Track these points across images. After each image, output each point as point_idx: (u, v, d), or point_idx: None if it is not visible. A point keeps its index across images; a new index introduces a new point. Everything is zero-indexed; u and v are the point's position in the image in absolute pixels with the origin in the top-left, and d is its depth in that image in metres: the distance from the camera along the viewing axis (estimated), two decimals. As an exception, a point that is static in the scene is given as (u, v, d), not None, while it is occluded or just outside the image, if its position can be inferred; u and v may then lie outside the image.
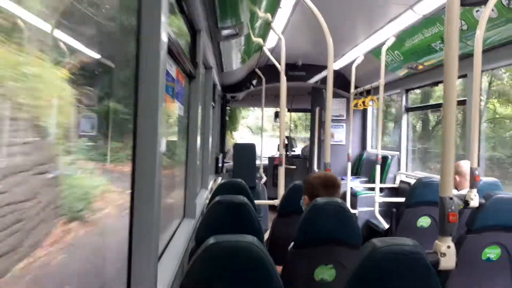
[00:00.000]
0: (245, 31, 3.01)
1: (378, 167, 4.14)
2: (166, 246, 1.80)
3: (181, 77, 2.19)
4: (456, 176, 2.71)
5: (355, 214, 4.47)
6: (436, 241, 1.34)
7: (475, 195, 2.26)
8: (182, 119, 2.40)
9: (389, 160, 4.96)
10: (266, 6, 2.85)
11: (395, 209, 2.80)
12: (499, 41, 2.92)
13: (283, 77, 3.29)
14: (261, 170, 5.73)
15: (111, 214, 1.31)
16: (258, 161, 5.39)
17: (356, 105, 4.84)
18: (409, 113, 4.90)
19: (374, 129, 6.01)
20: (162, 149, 1.27)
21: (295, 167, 7.49)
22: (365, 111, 6.08)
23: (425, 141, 4.96)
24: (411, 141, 5.02)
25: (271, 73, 5.04)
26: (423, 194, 2.67)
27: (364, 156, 5.98)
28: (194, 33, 2.53)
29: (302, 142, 11.84)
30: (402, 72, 4.52)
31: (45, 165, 0.93)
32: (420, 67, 4.10)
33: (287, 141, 7.80)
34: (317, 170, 6.20)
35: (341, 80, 5.67)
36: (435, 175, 3.73)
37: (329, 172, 2.30)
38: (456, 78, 1.35)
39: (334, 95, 2.71)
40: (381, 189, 4.54)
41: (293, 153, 8.10)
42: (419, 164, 4.98)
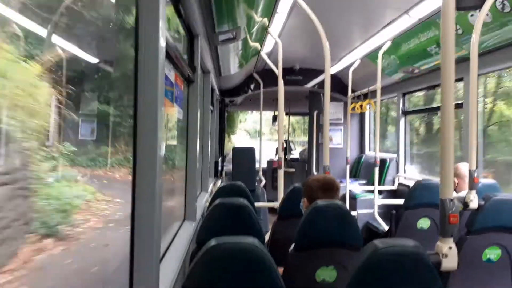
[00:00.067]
0: (242, 35, 3.03)
1: (376, 170, 4.16)
2: (168, 248, 1.80)
3: (180, 81, 2.20)
4: (454, 178, 2.73)
5: (354, 216, 4.48)
6: (438, 242, 1.34)
7: (474, 196, 2.27)
8: (182, 123, 2.41)
9: (388, 162, 4.99)
10: (263, 11, 2.87)
11: (394, 211, 2.81)
12: (494, 45, 2.95)
13: (280, 81, 3.31)
14: (260, 173, 5.74)
15: (95, 227, 1.18)
16: (257, 165, 5.40)
17: (353, 108, 4.87)
18: (410, 116, 4.94)
19: (372, 132, 6.04)
20: (162, 153, 1.27)
21: (294, 170, 7.50)
22: (362, 114, 6.11)
23: (430, 144, 4.93)
24: (416, 145, 5.01)
25: (268, 77, 5.07)
26: (422, 196, 2.68)
27: (363, 159, 6.00)
28: (192, 37, 2.54)
29: (300, 145, 11.86)
30: (398, 76, 4.56)
31: (10, 174, 0.81)
32: (416, 71, 4.14)
33: (285, 145, 7.83)
34: (316, 173, 6.21)
35: (338, 84, 5.70)
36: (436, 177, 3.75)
37: (328, 174, 2.31)
38: (453, 82, 1.37)
39: (331, 99, 2.74)
40: (380, 192, 4.56)
41: (292, 156, 8.11)
42: (425, 169, 4.86)
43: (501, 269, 2.00)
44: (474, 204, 2.26)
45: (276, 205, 3.08)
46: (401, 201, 3.10)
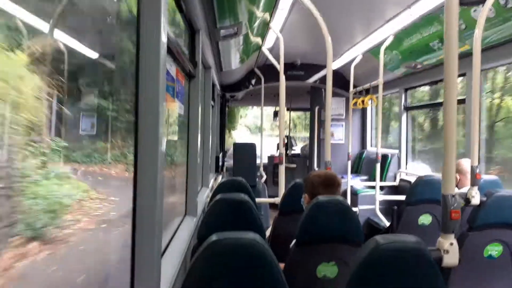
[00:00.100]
0: (243, 30, 3.02)
1: (378, 166, 4.16)
2: (169, 244, 1.81)
3: (181, 76, 2.19)
4: (456, 174, 2.72)
5: (355, 212, 4.49)
6: (439, 238, 1.34)
7: (476, 192, 2.27)
8: (183, 118, 2.41)
9: (389, 158, 4.98)
10: (264, 6, 2.85)
11: (396, 206, 2.81)
12: (497, 40, 2.93)
13: (282, 77, 3.30)
14: (261, 169, 5.74)
15: (86, 228, 1.09)
16: (258, 160, 5.41)
17: (355, 104, 4.86)
18: (415, 111, 4.92)
19: (373, 127, 6.03)
20: (164, 148, 1.27)
21: (295, 165, 7.51)
22: (364, 110, 6.09)
23: (435, 140, 4.88)
24: (421, 141, 4.99)
25: (270, 72, 5.06)
26: (424, 192, 2.68)
27: (364, 154, 6.00)
28: (193, 32, 2.53)
29: (301, 141, 11.85)
30: (400, 72, 4.54)
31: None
32: (418, 66, 4.12)
33: (287, 140, 7.82)
34: (317, 169, 6.21)
35: (340, 80, 5.68)
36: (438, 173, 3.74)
37: (330, 170, 2.31)
38: (456, 77, 1.36)
39: (333, 94, 2.72)
40: (381, 187, 4.56)
41: (293, 152, 8.11)
42: (430, 166, 4.77)
43: (502, 266, 2.00)
44: (476, 200, 2.26)
45: (277, 200, 3.08)
46: (402, 197, 3.10)
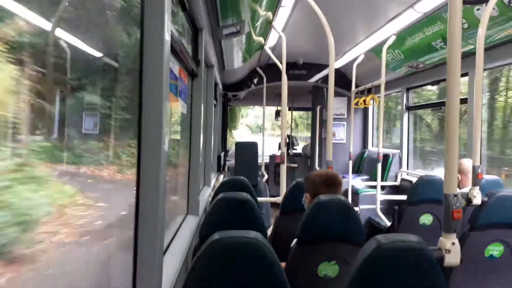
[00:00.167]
0: (246, 29, 3.02)
1: (379, 165, 4.15)
2: (171, 242, 1.81)
3: (184, 75, 2.20)
4: (457, 174, 2.72)
5: (356, 211, 4.49)
6: (441, 237, 1.34)
7: (477, 192, 2.27)
8: (185, 117, 2.41)
9: (391, 158, 4.98)
10: (267, 4, 2.85)
11: (397, 206, 2.81)
12: (500, 40, 2.92)
13: (284, 76, 3.30)
14: (263, 168, 5.74)
15: (64, 242, 0.92)
16: (260, 159, 5.41)
17: (357, 103, 4.85)
18: (422, 111, 4.91)
19: (375, 127, 6.02)
20: (166, 147, 1.27)
21: (296, 165, 7.50)
22: (366, 109, 6.08)
23: (443, 142, 4.76)
24: (429, 142, 4.96)
25: (272, 72, 5.05)
26: (425, 192, 2.68)
27: (366, 154, 5.99)
28: (196, 31, 2.53)
29: (303, 141, 11.84)
30: (402, 71, 4.53)
31: None
32: (421, 65, 4.11)
33: (288, 140, 7.81)
34: (318, 168, 6.21)
35: (342, 79, 5.67)
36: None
37: (331, 170, 2.31)
38: (459, 76, 1.35)
39: (335, 93, 2.71)
40: (382, 187, 4.55)
41: (294, 151, 8.11)
42: (439, 167, 4.62)
43: (504, 266, 2.00)
44: (477, 200, 2.25)
45: (278, 200, 3.08)
46: (403, 197, 3.10)
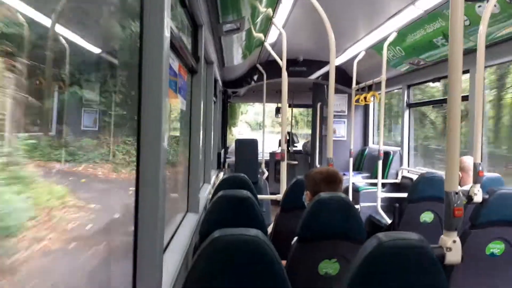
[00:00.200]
0: (246, 26, 3.01)
1: (380, 163, 4.14)
2: (171, 240, 1.81)
3: (183, 71, 2.18)
4: (458, 171, 2.71)
5: (357, 209, 4.50)
6: (442, 235, 1.34)
7: (478, 190, 2.26)
8: (185, 114, 2.40)
9: (391, 155, 4.97)
10: (267, 1, 2.84)
11: (397, 204, 2.81)
12: (501, 37, 2.91)
13: (284, 73, 3.28)
14: (263, 165, 5.74)
15: (49, 250, 0.83)
16: (260, 157, 5.40)
17: (357, 100, 4.84)
18: (426, 108, 4.90)
19: (376, 124, 6.01)
20: (166, 143, 1.26)
21: (297, 162, 7.50)
22: (366, 106, 6.07)
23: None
24: (434, 139, 4.95)
25: (272, 68, 5.04)
26: (426, 189, 2.67)
27: (366, 151, 5.99)
28: (196, 27, 2.52)
29: (303, 138, 11.84)
30: (403, 68, 4.51)
31: None
32: (422, 63, 4.10)
33: (288, 137, 7.80)
34: (319, 166, 6.21)
35: (342, 76, 5.65)
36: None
37: (331, 167, 2.30)
38: (461, 74, 1.35)
39: (335, 90, 2.70)
40: (383, 185, 4.55)
41: (294, 148, 8.10)
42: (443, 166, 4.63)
43: (505, 263, 2.00)
44: (478, 198, 2.25)
45: (278, 197, 3.08)
46: (404, 195, 3.09)
